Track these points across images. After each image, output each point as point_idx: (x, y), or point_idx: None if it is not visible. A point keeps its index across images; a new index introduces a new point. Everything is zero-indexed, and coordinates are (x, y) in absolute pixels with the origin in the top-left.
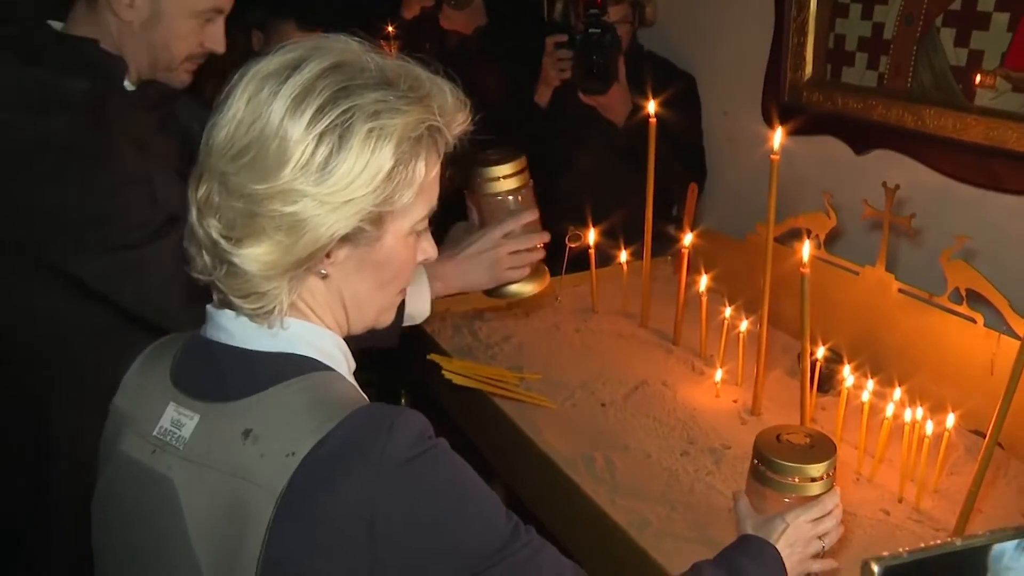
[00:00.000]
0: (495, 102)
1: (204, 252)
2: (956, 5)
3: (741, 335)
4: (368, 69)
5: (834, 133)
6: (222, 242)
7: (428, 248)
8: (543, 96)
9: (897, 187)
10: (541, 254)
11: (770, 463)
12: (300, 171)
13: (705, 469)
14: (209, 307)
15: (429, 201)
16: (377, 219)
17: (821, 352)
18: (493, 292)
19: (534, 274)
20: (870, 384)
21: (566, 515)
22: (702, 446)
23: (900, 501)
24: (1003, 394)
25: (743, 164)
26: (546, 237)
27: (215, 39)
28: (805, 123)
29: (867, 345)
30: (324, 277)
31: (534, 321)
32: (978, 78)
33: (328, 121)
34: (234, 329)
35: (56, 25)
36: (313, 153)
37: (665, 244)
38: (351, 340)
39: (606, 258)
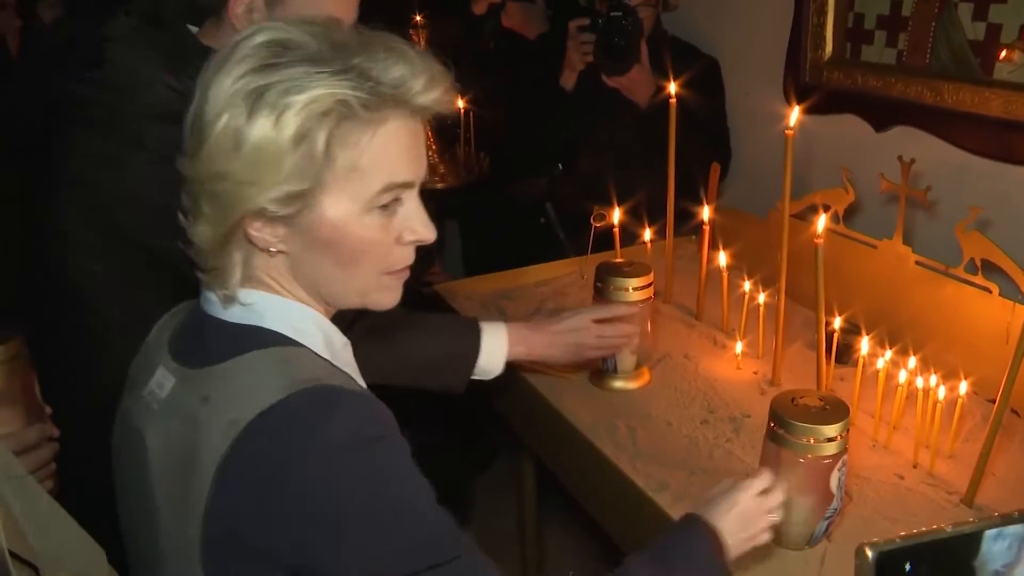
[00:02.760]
0: (547, 104)
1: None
2: None
3: (760, 308)
4: (305, 47)
5: (854, 111)
6: (183, 219)
7: (418, 228)
8: (568, 80)
9: (913, 161)
10: (625, 343)
11: (786, 424)
12: (218, 147)
13: (724, 436)
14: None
15: (383, 177)
16: (298, 196)
17: (838, 323)
18: (598, 382)
19: (637, 374)
20: (887, 354)
21: (589, 480)
22: (722, 415)
23: (915, 467)
24: (1011, 359)
25: (765, 143)
26: (633, 332)
27: None
28: (825, 102)
29: (884, 317)
30: (273, 255)
31: (560, 299)
32: (1003, 53)
33: (243, 100)
34: (214, 300)
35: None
36: (224, 129)
37: (690, 223)
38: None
39: (631, 237)
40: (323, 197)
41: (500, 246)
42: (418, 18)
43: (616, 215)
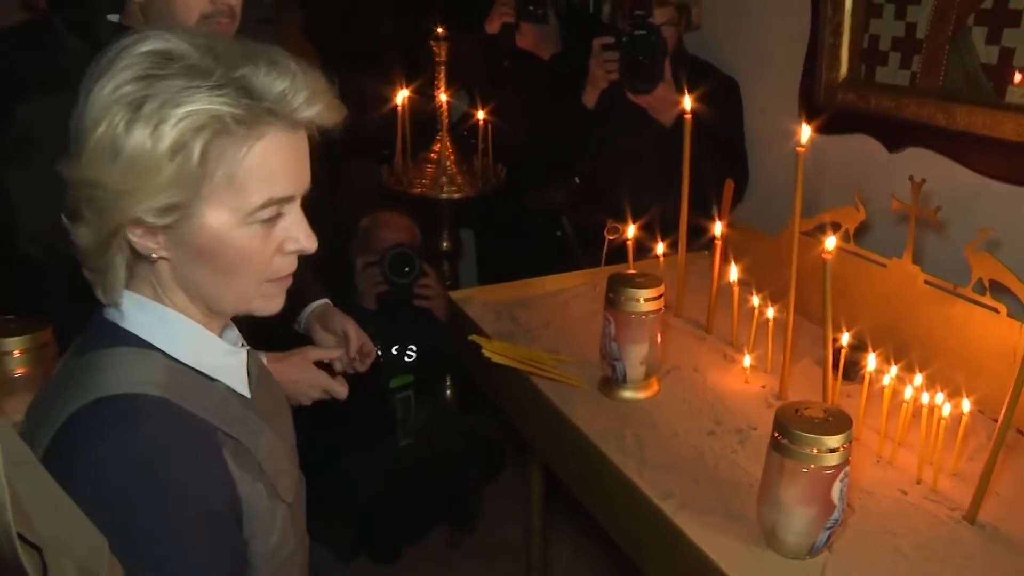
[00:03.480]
0: (553, 111)
1: None
2: (988, 4)
3: (769, 323)
4: (187, 58)
5: (868, 131)
6: (66, 221)
7: (300, 238)
8: (590, 98)
9: (923, 181)
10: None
11: (790, 434)
12: (95, 155)
13: (730, 448)
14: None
15: (263, 192)
16: (175, 207)
17: (846, 340)
18: (607, 391)
19: (646, 384)
20: (893, 370)
21: (596, 487)
22: (729, 426)
23: (918, 483)
24: (1015, 379)
25: (779, 162)
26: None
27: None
28: (839, 122)
29: (893, 335)
30: (154, 261)
31: (573, 309)
32: (1016, 76)
33: (122, 110)
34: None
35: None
36: (102, 137)
37: (703, 239)
38: None
39: (645, 251)
40: (203, 208)
41: (515, 258)
42: (440, 30)
43: (630, 229)
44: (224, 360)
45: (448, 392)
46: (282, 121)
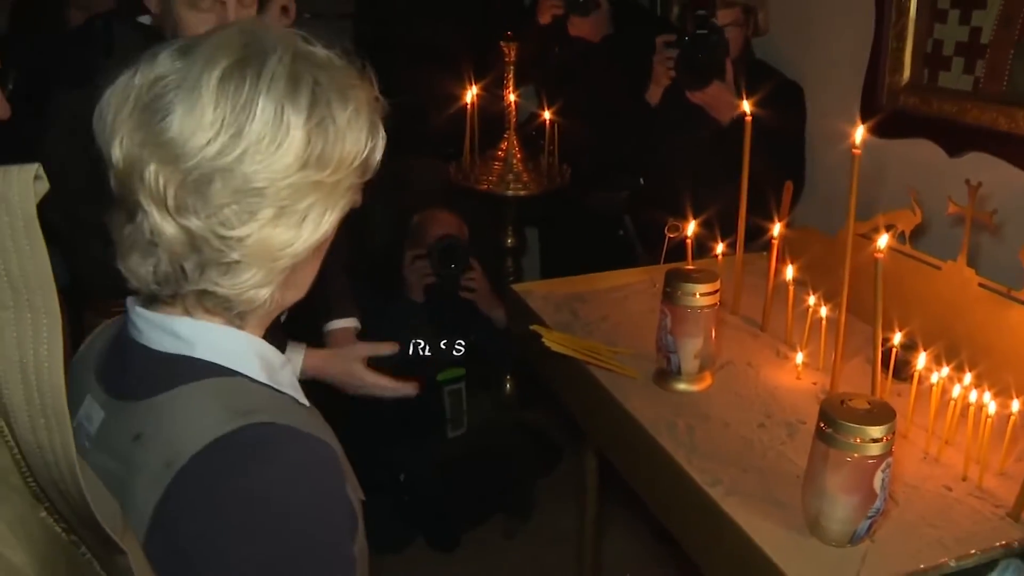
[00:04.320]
0: (617, 107)
1: (168, 258)
2: None
3: (823, 322)
4: (310, 52)
5: (928, 136)
6: (221, 241)
7: None
8: (654, 95)
9: (980, 184)
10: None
11: (834, 424)
12: (305, 161)
13: (779, 440)
14: (140, 310)
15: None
16: (356, 191)
17: (898, 339)
18: (662, 382)
19: (699, 377)
20: (944, 370)
21: (647, 473)
22: (778, 420)
23: (964, 479)
24: None
25: (840, 165)
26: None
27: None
28: (900, 125)
29: (945, 336)
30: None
31: (631, 304)
32: None
33: (320, 111)
34: (139, 327)
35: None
36: (314, 142)
37: (761, 239)
38: None
39: (704, 250)
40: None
41: (578, 256)
42: (509, 32)
43: (690, 227)
44: (283, 372)
45: (508, 387)
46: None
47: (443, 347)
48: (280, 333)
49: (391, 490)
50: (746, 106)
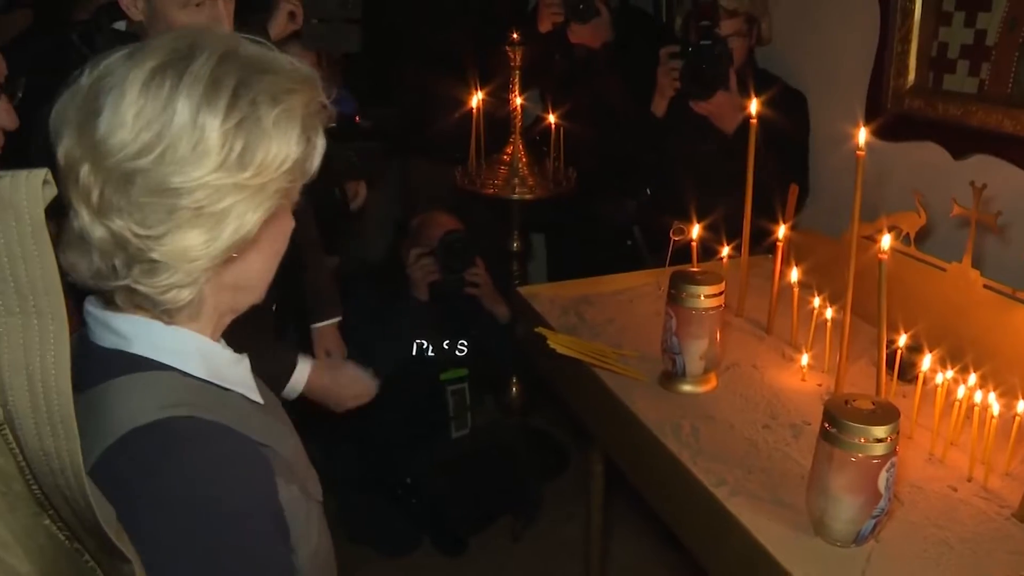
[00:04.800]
0: (619, 113)
1: (99, 256)
2: None
3: (828, 324)
4: (247, 56)
5: (934, 138)
6: (139, 241)
7: (291, 220)
8: (659, 107)
9: (984, 186)
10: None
11: (839, 424)
12: (222, 162)
13: (784, 441)
14: (90, 308)
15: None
16: (286, 194)
17: (903, 341)
18: (667, 384)
19: (704, 379)
20: (949, 372)
21: (652, 474)
22: (783, 421)
23: (969, 480)
24: None
25: (845, 168)
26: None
27: (216, 19)
28: (906, 128)
29: (950, 337)
30: (233, 260)
31: (637, 307)
32: None
33: (242, 111)
34: (88, 323)
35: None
36: (233, 144)
37: (766, 241)
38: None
39: (710, 254)
40: (294, 193)
41: (585, 265)
42: (515, 36)
43: (695, 230)
44: (233, 369)
45: (513, 391)
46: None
47: (446, 347)
48: (269, 336)
49: (397, 493)
50: (753, 107)
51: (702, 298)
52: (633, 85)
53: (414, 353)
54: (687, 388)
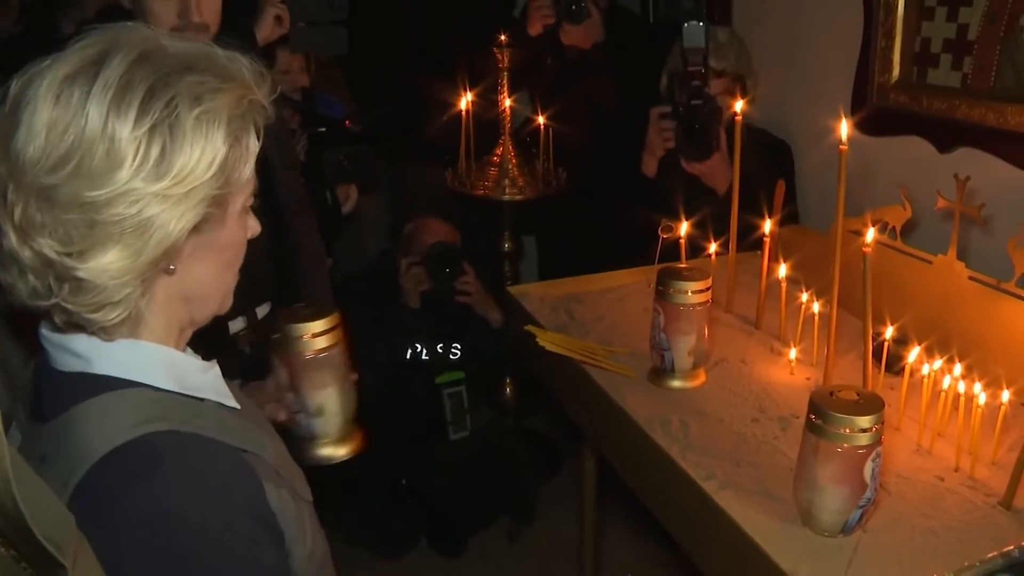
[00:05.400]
0: (611, 112)
1: (32, 275)
2: None
3: (815, 317)
4: (170, 54)
5: (919, 132)
6: (62, 259)
7: (253, 224)
8: (649, 167)
9: (968, 179)
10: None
11: (824, 415)
12: (137, 171)
13: (772, 434)
14: (45, 332)
15: (254, 175)
16: (220, 201)
17: (889, 333)
18: (656, 380)
19: (693, 374)
20: (936, 363)
21: (643, 469)
22: (772, 415)
23: (956, 470)
24: None
25: (832, 164)
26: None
27: (186, 9)
28: (891, 123)
29: (937, 329)
30: (172, 272)
31: (627, 304)
32: None
33: (155, 115)
34: (46, 349)
35: None
36: (147, 151)
37: (754, 238)
38: None
39: (697, 250)
40: (231, 200)
41: (577, 266)
42: (503, 37)
43: (683, 227)
44: (204, 377)
45: (508, 392)
46: (262, 101)
47: (440, 351)
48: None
49: (394, 493)
50: (738, 106)
51: (689, 294)
52: (625, 85)
53: (408, 357)
54: (676, 384)
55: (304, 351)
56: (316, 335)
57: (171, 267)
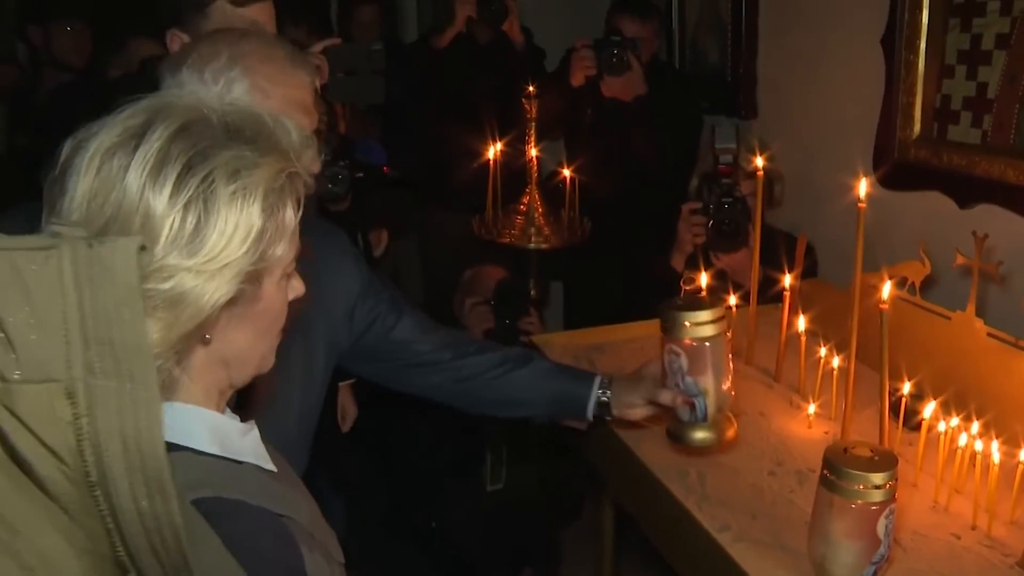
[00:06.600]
0: (649, 164)
1: None
2: None
3: (835, 372)
4: (213, 124)
5: (940, 188)
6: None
7: (297, 286)
8: (678, 262)
9: (986, 236)
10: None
11: (837, 471)
12: (171, 245)
13: (788, 488)
14: None
15: (296, 242)
16: (255, 276)
17: (907, 389)
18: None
19: (722, 424)
20: (954, 420)
21: (660, 519)
22: (789, 468)
23: (973, 528)
24: None
25: (852, 218)
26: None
27: None
28: (912, 178)
29: (955, 385)
30: (207, 342)
31: (649, 355)
32: None
33: (191, 190)
34: None
35: None
36: (181, 225)
37: (774, 291)
38: None
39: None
40: (268, 273)
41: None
42: (531, 88)
43: (703, 278)
44: (244, 440)
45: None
46: (302, 173)
47: None
48: None
49: (421, 536)
50: (759, 162)
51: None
52: (663, 138)
53: None
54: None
55: (692, 336)
56: (705, 323)
57: (206, 336)
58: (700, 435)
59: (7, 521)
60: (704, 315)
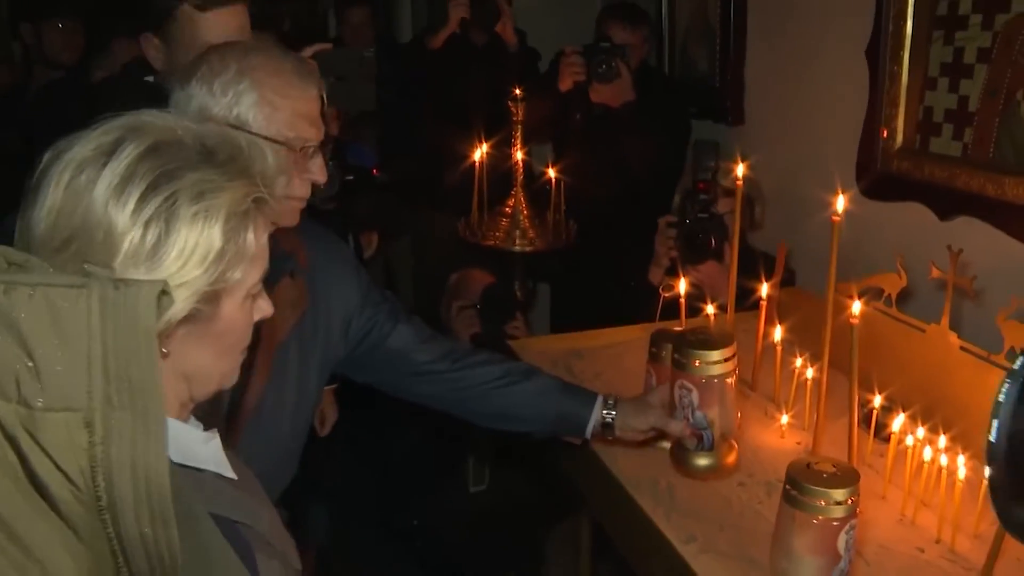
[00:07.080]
0: (636, 169)
1: None
2: None
3: (808, 382)
4: (186, 145)
5: (921, 199)
6: None
7: (264, 306)
8: (655, 276)
9: (960, 251)
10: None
11: (799, 487)
12: (130, 260)
13: (757, 499)
14: None
15: (262, 265)
16: (213, 297)
17: (878, 401)
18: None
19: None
20: (920, 432)
21: (627, 527)
22: (759, 479)
23: (937, 542)
24: None
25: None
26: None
27: None
28: (895, 189)
29: (927, 398)
30: (165, 356)
31: (627, 361)
32: None
33: (153, 208)
34: None
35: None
36: (141, 241)
37: (751, 300)
38: None
39: (694, 310)
40: (227, 295)
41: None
42: (517, 91)
43: (682, 284)
44: (204, 448)
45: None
46: (269, 199)
47: None
48: None
49: (403, 533)
50: (740, 170)
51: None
52: (652, 142)
53: None
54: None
55: (705, 374)
56: (717, 361)
57: (163, 351)
58: (704, 463)
59: (24, 544)
60: (717, 355)
